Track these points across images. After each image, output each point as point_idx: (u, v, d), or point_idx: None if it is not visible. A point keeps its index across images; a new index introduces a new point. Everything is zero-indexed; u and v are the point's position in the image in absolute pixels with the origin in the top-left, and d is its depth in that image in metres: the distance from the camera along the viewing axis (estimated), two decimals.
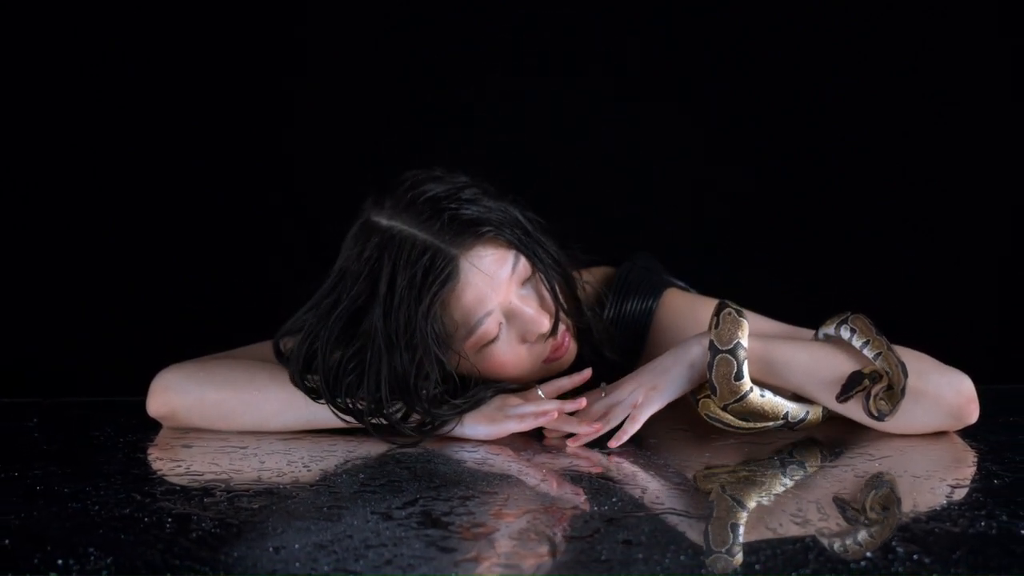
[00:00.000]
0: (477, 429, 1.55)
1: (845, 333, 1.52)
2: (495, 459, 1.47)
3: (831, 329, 1.55)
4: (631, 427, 1.51)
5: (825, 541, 1.11)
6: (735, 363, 1.48)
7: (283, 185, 2.34)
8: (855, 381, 1.46)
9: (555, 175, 2.33)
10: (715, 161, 2.35)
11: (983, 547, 1.08)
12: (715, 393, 1.49)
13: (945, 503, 1.24)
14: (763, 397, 1.50)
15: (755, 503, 1.26)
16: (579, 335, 1.63)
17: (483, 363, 1.56)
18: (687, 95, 2.35)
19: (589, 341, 1.65)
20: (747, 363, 1.48)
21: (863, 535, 1.14)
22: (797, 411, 1.52)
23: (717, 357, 1.48)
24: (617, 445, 1.49)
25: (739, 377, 1.48)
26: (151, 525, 1.17)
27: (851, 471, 1.38)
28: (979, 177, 2.31)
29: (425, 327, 1.49)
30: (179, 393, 1.61)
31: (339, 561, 1.07)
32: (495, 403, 1.56)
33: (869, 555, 1.07)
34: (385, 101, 2.34)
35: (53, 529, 1.17)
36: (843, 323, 1.53)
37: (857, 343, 1.50)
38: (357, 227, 1.57)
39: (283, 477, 1.37)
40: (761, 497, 1.29)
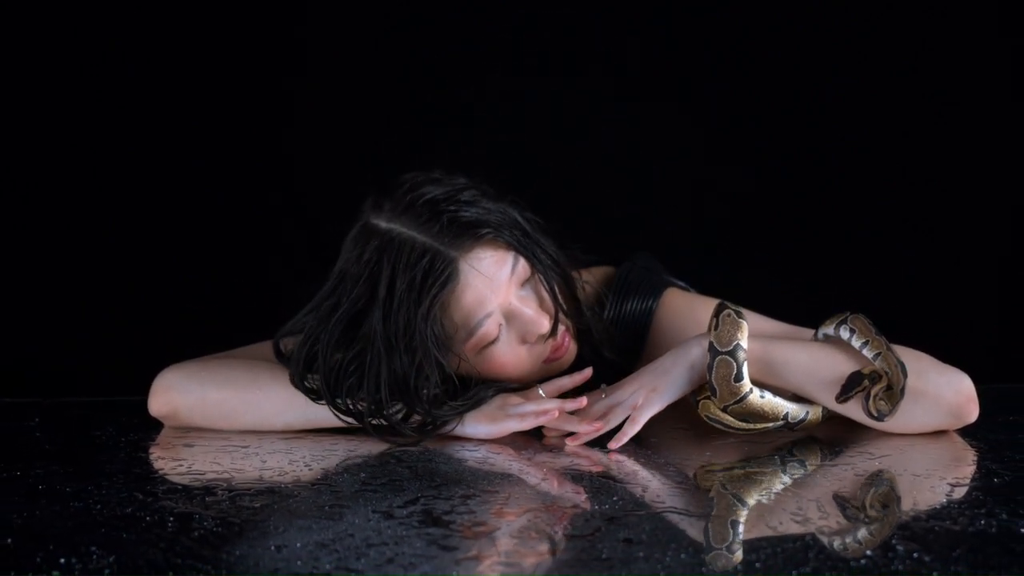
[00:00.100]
0: (478, 428, 1.55)
1: (844, 333, 1.52)
2: (496, 458, 1.47)
3: (830, 329, 1.55)
4: (631, 428, 1.51)
5: (825, 539, 1.11)
6: (735, 365, 1.47)
7: (283, 185, 2.34)
8: (854, 381, 1.46)
9: (555, 175, 2.33)
10: (715, 161, 2.35)
11: (983, 545, 1.09)
12: (715, 395, 1.49)
13: (945, 501, 1.25)
14: (763, 398, 1.49)
15: (755, 501, 1.26)
16: (579, 335, 1.63)
17: (483, 364, 1.57)
18: (687, 95, 2.35)
19: (589, 341, 1.65)
20: (747, 364, 1.48)
21: (863, 533, 1.14)
22: (797, 412, 1.52)
23: (717, 359, 1.48)
24: (617, 446, 1.49)
25: (739, 379, 1.48)
26: (153, 524, 1.18)
27: (851, 469, 1.38)
28: (979, 177, 2.31)
29: (425, 329, 1.49)
30: (181, 392, 1.62)
31: (341, 560, 1.07)
32: (496, 402, 1.56)
33: (869, 553, 1.07)
34: (385, 101, 2.34)
35: (55, 528, 1.17)
36: (842, 323, 1.53)
37: (856, 343, 1.50)
38: (356, 230, 1.57)
39: (285, 476, 1.37)
40: (761, 495, 1.29)
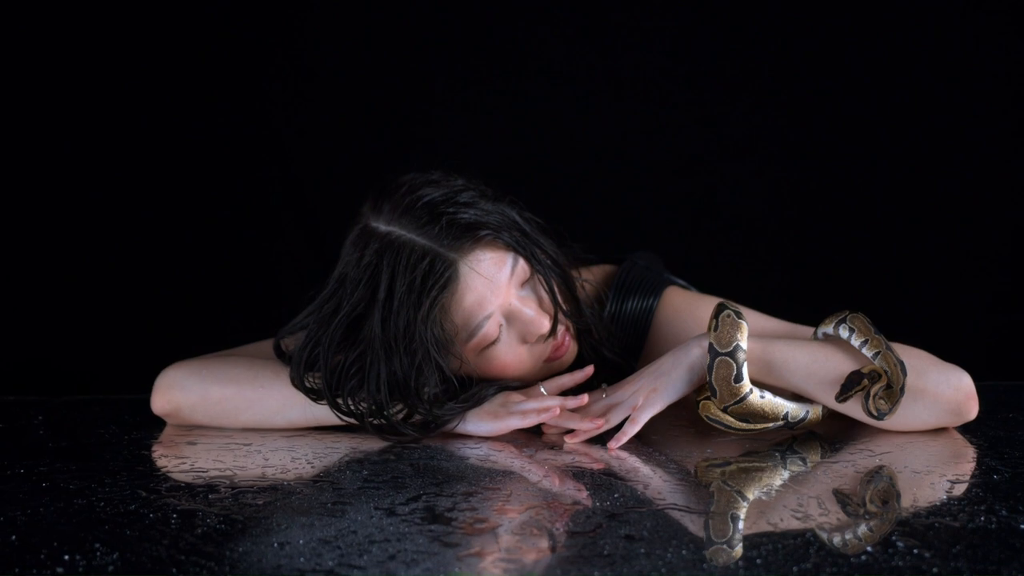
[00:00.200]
0: (480, 425, 1.55)
1: (844, 332, 1.52)
2: (498, 455, 1.47)
3: (830, 328, 1.54)
4: (631, 428, 1.51)
5: (825, 535, 1.11)
6: (735, 365, 1.47)
7: (284, 185, 2.34)
8: (854, 381, 1.46)
9: (555, 175, 2.33)
10: (716, 161, 2.36)
11: (982, 542, 1.09)
12: (715, 395, 1.49)
13: (945, 498, 1.25)
14: (763, 398, 1.49)
15: (756, 498, 1.27)
16: (579, 334, 1.63)
17: (484, 365, 1.57)
18: (687, 95, 2.35)
19: (589, 340, 1.65)
20: (746, 365, 1.48)
21: (863, 529, 1.14)
22: (797, 411, 1.52)
23: (716, 360, 1.48)
24: (617, 446, 1.49)
25: (739, 379, 1.48)
26: (156, 521, 1.18)
27: (851, 466, 1.38)
28: (979, 177, 2.31)
29: (424, 332, 1.49)
30: (183, 390, 1.62)
31: (343, 556, 1.07)
32: (498, 400, 1.57)
33: (869, 549, 1.07)
34: (385, 101, 2.34)
35: (59, 525, 1.17)
36: (841, 322, 1.52)
37: (856, 342, 1.50)
38: (356, 232, 1.57)
39: (287, 473, 1.38)
40: (762, 492, 1.29)
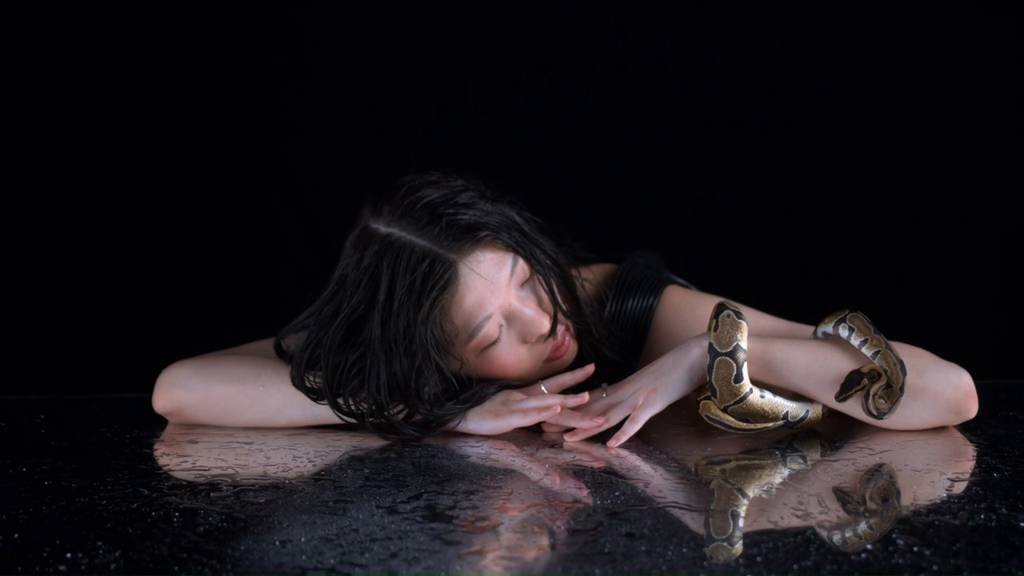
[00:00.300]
0: (481, 424, 1.56)
1: (843, 331, 1.52)
2: (498, 454, 1.47)
3: (829, 327, 1.54)
4: (631, 428, 1.51)
5: (825, 533, 1.12)
6: (734, 365, 1.47)
7: (285, 185, 2.34)
8: (854, 380, 1.46)
9: (555, 175, 2.33)
10: (715, 161, 2.36)
11: (982, 539, 1.09)
12: (715, 395, 1.49)
13: (945, 496, 1.25)
14: (763, 398, 1.49)
15: (756, 496, 1.27)
16: (579, 334, 1.64)
17: (484, 365, 1.57)
18: (687, 95, 2.36)
19: (589, 340, 1.66)
20: (746, 365, 1.48)
21: (863, 527, 1.15)
22: (797, 410, 1.52)
23: (716, 360, 1.48)
24: (617, 445, 1.49)
25: (739, 379, 1.48)
26: (158, 519, 1.18)
27: (851, 464, 1.38)
28: (979, 177, 2.32)
29: (424, 333, 1.49)
30: (185, 389, 1.62)
31: (345, 554, 1.07)
32: (499, 398, 1.57)
33: (869, 547, 1.08)
34: (385, 101, 2.34)
35: (61, 524, 1.18)
36: (841, 321, 1.52)
37: (855, 341, 1.50)
38: (356, 234, 1.57)
39: (289, 472, 1.38)
40: (762, 490, 1.30)
